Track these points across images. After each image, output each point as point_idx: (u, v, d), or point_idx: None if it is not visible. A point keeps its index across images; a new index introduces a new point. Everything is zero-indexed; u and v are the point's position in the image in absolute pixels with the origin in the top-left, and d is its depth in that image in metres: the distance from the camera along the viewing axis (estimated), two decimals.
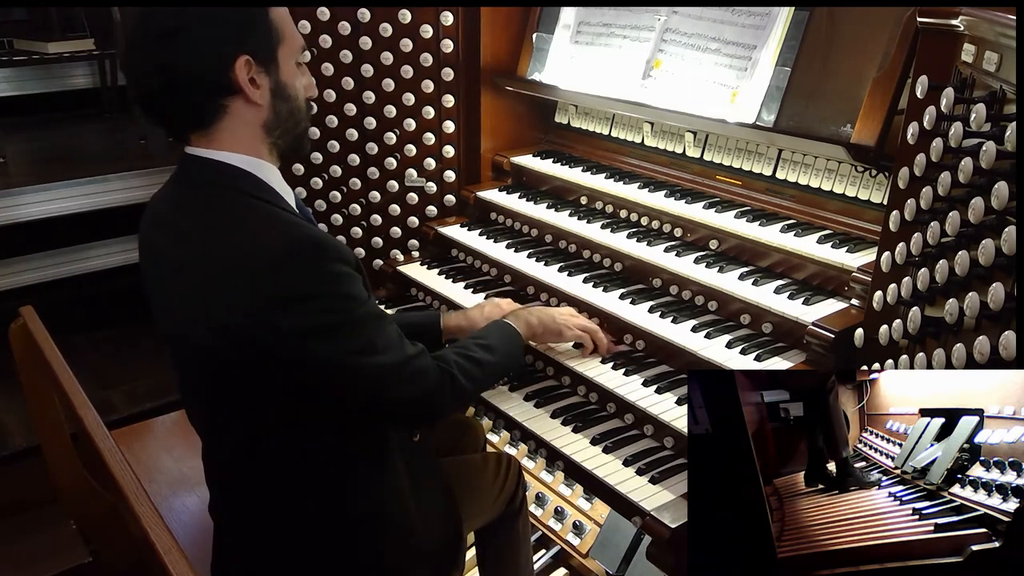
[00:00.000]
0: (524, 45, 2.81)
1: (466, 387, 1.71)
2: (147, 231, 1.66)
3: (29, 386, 2.13)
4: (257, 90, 1.52)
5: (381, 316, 1.60)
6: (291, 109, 1.60)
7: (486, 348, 1.80)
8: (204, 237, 1.52)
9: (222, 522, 1.79)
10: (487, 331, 1.91)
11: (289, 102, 1.59)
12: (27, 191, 3.80)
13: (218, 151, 1.54)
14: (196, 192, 1.57)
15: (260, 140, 1.58)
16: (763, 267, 2.12)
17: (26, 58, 4.33)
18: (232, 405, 1.60)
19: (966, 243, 1.33)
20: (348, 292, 1.50)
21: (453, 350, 1.76)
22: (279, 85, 1.56)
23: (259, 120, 1.56)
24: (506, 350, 1.87)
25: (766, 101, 2.15)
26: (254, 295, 1.44)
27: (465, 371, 1.70)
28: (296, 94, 1.61)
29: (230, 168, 1.54)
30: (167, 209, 1.63)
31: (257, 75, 1.52)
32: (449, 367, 1.68)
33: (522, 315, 1.99)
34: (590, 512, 2.78)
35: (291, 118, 1.61)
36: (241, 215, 1.51)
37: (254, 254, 1.45)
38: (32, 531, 3.05)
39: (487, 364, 1.78)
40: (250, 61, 1.50)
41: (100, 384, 3.89)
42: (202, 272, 1.50)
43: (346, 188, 2.92)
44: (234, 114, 1.53)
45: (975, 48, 1.41)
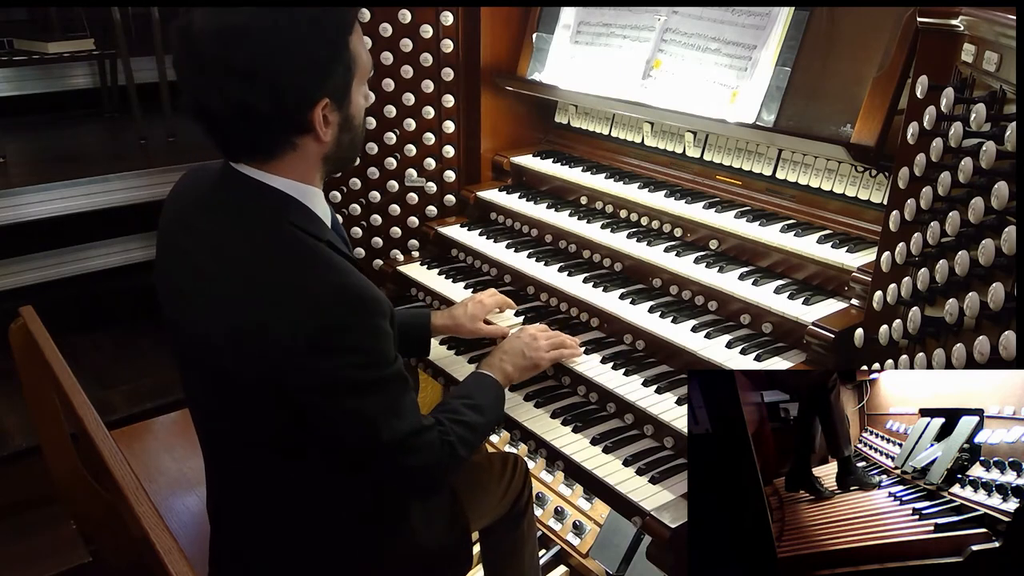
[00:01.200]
0: (524, 45, 2.81)
1: (463, 457, 1.68)
2: (172, 229, 1.62)
3: (29, 386, 2.13)
4: (328, 129, 1.49)
5: (406, 380, 1.57)
6: (352, 138, 1.57)
7: (476, 409, 1.76)
8: (244, 254, 1.48)
9: (220, 523, 1.79)
10: (470, 388, 1.85)
11: (352, 132, 1.56)
12: (27, 191, 3.79)
13: (271, 176, 1.51)
14: (239, 206, 1.52)
15: (316, 170, 1.55)
16: (763, 267, 2.12)
17: (26, 58, 4.32)
18: (234, 414, 1.60)
19: (966, 243, 1.33)
20: (385, 351, 1.50)
21: (445, 415, 1.70)
22: (347, 119, 1.53)
23: (322, 152, 1.53)
24: (493, 409, 1.83)
25: (766, 101, 2.15)
26: (292, 331, 1.41)
27: (463, 440, 1.67)
28: (360, 123, 1.58)
29: (279, 194, 1.50)
30: (201, 214, 1.58)
31: (330, 113, 1.48)
32: (448, 436, 1.64)
33: (496, 364, 1.93)
34: (590, 512, 2.79)
35: (351, 146, 1.59)
36: (289, 246, 1.47)
37: (302, 290, 1.42)
38: (32, 531, 3.05)
39: (479, 428, 1.75)
40: (329, 103, 1.46)
41: (100, 384, 3.89)
42: (237, 286, 1.47)
43: (346, 188, 2.92)
44: (300, 148, 1.50)
45: (975, 48, 1.41)
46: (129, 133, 4.65)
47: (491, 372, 1.90)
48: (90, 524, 2.32)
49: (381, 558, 1.74)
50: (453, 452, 1.64)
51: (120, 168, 4.06)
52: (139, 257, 4.30)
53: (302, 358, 1.42)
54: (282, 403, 1.49)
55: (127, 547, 1.74)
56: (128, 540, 1.59)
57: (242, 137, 1.48)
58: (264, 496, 1.67)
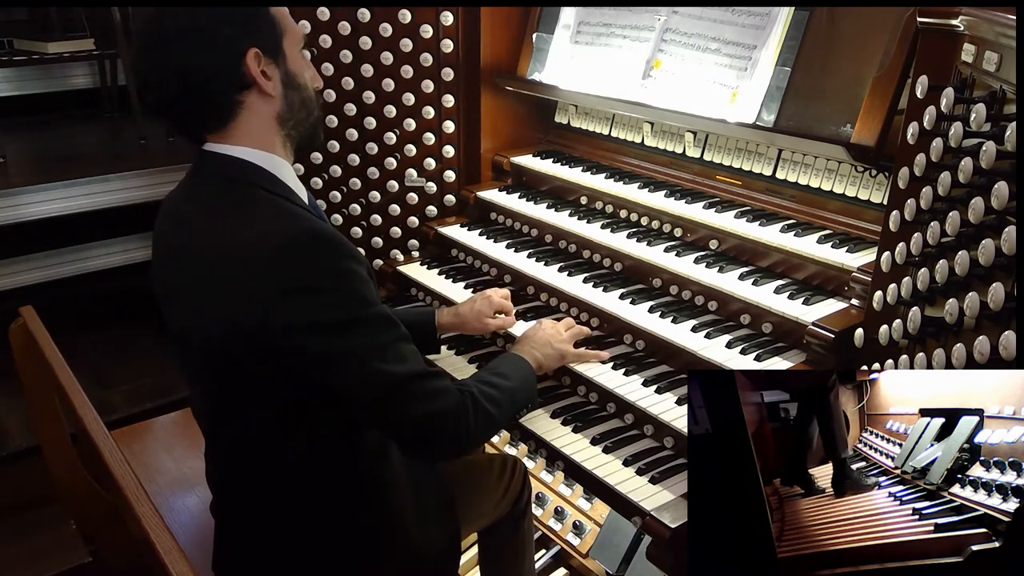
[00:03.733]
0: (524, 45, 2.81)
1: (491, 412, 1.64)
2: (161, 226, 1.67)
3: (29, 386, 2.13)
4: (269, 81, 1.55)
5: (395, 324, 1.55)
6: (303, 98, 1.63)
7: (502, 376, 1.76)
8: (215, 228, 1.53)
9: (223, 521, 1.79)
10: (498, 363, 1.85)
11: (300, 91, 1.63)
12: (27, 191, 3.79)
13: (234, 147, 1.57)
14: (210, 186, 1.59)
15: (275, 133, 1.60)
16: (763, 267, 2.12)
17: (26, 58, 4.32)
18: (234, 403, 1.60)
19: (966, 243, 1.33)
20: (358, 290, 1.49)
21: (469, 377, 1.72)
22: (288, 75, 1.60)
23: (273, 112, 1.59)
24: (522, 382, 1.81)
25: (766, 101, 2.15)
26: (260, 285, 1.43)
27: (487, 395, 1.65)
28: (305, 83, 1.65)
29: (244, 163, 1.56)
30: (182, 203, 1.64)
31: (267, 67, 1.55)
32: (468, 388, 1.63)
33: (527, 350, 1.93)
34: (590, 512, 2.79)
35: (303, 107, 1.64)
36: (251, 207, 1.52)
37: (261, 244, 1.45)
38: (32, 531, 3.05)
39: (506, 391, 1.72)
40: (259, 53, 1.53)
41: (100, 384, 3.89)
42: (211, 263, 1.50)
43: (346, 188, 2.92)
44: (249, 108, 1.56)
45: (975, 48, 1.41)
46: (129, 133, 4.65)
47: (522, 355, 1.91)
48: (90, 524, 2.32)
49: (376, 559, 1.74)
50: (476, 403, 1.61)
51: (120, 168, 4.06)
52: (139, 257, 4.30)
53: (277, 306, 1.43)
54: (274, 371, 1.50)
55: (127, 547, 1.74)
56: (128, 540, 1.59)
57: (193, 109, 1.55)
58: (266, 492, 1.67)
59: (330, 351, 1.47)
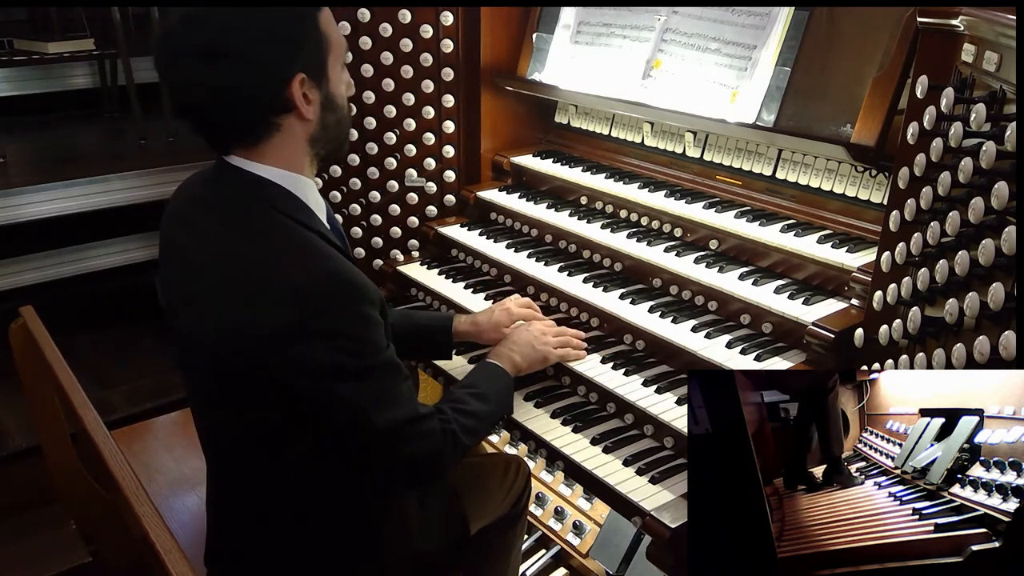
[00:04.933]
0: (524, 45, 2.81)
1: (467, 444, 1.67)
2: (171, 228, 1.63)
3: (29, 386, 2.14)
4: (309, 106, 1.49)
5: (399, 369, 1.56)
6: (338, 119, 1.58)
7: (480, 398, 1.76)
8: (235, 251, 1.48)
9: (218, 521, 1.79)
10: (477, 378, 1.87)
11: (337, 112, 1.57)
12: (27, 191, 3.79)
13: (260, 165, 1.51)
14: (231, 201, 1.53)
15: (304, 153, 1.56)
16: (763, 267, 2.12)
17: (26, 58, 4.32)
18: (232, 411, 1.59)
19: (966, 243, 1.33)
20: (372, 338, 1.49)
21: (448, 404, 1.71)
22: (328, 97, 1.54)
23: (307, 134, 1.54)
24: (499, 398, 1.83)
25: (766, 101, 2.15)
26: (277, 317, 1.41)
27: (465, 428, 1.67)
28: (343, 103, 1.59)
29: (270, 184, 1.51)
30: (198, 212, 1.59)
31: (309, 90, 1.49)
32: (450, 424, 1.64)
33: (505, 354, 1.94)
34: (590, 512, 2.79)
35: (338, 127, 1.59)
36: (273, 234, 1.47)
37: (283, 277, 1.42)
38: (32, 531, 3.05)
39: (483, 416, 1.75)
40: (305, 79, 1.47)
41: (100, 384, 3.89)
42: (228, 283, 1.47)
43: (346, 188, 2.92)
44: (284, 131, 1.50)
45: (975, 48, 1.41)
46: (129, 133, 4.65)
47: (499, 362, 1.91)
48: (90, 524, 2.32)
49: (378, 559, 1.74)
50: (456, 440, 1.63)
51: (120, 168, 4.07)
52: (139, 257, 4.31)
53: (287, 344, 1.42)
54: (275, 394, 1.49)
55: (127, 547, 1.74)
56: (128, 540, 1.59)
57: (227, 124, 1.50)
58: (263, 496, 1.67)
59: (330, 396, 1.48)
